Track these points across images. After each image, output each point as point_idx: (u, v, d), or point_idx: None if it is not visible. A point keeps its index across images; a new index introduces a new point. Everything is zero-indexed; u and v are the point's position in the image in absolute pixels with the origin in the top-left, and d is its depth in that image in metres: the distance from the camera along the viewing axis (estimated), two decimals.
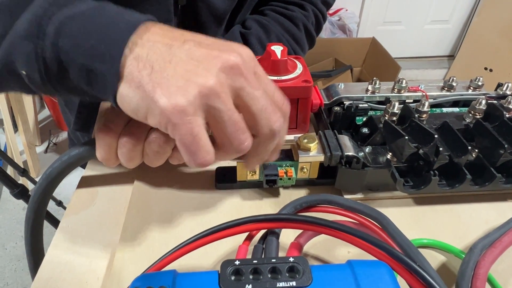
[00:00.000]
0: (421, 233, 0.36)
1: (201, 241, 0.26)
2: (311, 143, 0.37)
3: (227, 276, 0.22)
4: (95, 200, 0.39)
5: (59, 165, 0.35)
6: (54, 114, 1.88)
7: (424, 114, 0.41)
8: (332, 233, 0.26)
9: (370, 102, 0.45)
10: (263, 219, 0.27)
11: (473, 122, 0.40)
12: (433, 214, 0.38)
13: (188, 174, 0.41)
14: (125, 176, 0.42)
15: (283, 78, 0.40)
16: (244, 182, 0.39)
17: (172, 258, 0.26)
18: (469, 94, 0.45)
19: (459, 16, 2.21)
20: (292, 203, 0.30)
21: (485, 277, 0.27)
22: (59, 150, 1.83)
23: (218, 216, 0.37)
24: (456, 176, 0.36)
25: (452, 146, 0.37)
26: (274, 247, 0.27)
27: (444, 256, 0.34)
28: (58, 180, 0.37)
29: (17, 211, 1.55)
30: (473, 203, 0.39)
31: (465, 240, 0.35)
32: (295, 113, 0.43)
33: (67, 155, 0.35)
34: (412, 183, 0.38)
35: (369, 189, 0.39)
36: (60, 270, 0.33)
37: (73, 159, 0.35)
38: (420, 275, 0.23)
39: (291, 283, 0.22)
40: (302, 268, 0.23)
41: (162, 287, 0.21)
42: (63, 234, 0.36)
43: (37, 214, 0.38)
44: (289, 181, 0.38)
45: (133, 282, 0.22)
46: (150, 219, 0.36)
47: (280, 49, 0.41)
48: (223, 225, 0.27)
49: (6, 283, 1.30)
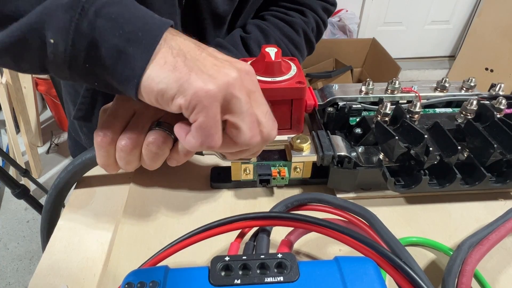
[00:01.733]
0: (412, 231, 0.36)
1: (194, 238, 0.27)
2: (304, 143, 0.38)
3: (216, 272, 0.23)
4: (92, 200, 0.40)
5: (65, 175, 0.38)
6: (56, 115, 1.89)
7: (416, 114, 0.42)
8: (321, 230, 0.27)
9: (363, 102, 0.45)
10: (255, 217, 0.28)
11: (464, 122, 0.41)
12: (424, 213, 0.38)
13: (184, 174, 0.42)
14: (122, 177, 0.42)
15: (277, 80, 0.41)
16: (239, 181, 0.39)
17: (166, 255, 0.27)
18: (461, 94, 0.46)
19: (460, 17, 2.21)
20: (283, 202, 0.31)
21: (471, 273, 0.28)
22: (60, 151, 1.85)
23: (213, 214, 0.38)
24: (446, 175, 0.37)
25: (443, 146, 0.38)
26: (264, 244, 0.28)
27: (433, 254, 0.34)
28: (67, 189, 0.40)
29: (18, 211, 1.56)
30: (464, 202, 0.39)
31: (455, 238, 0.35)
32: (289, 114, 0.43)
33: (72, 164, 0.37)
34: (403, 182, 0.38)
35: (361, 188, 0.40)
36: (58, 267, 0.33)
37: (78, 167, 0.37)
38: (404, 271, 0.23)
39: (279, 278, 0.23)
40: (290, 264, 0.23)
41: (154, 282, 0.22)
42: (60, 232, 0.37)
43: (51, 224, 0.40)
44: (282, 181, 0.38)
45: (125, 278, 0.23)
46: (146, 217, 0.37)
47: (274, 51, 0.41)
48: (215, 222, 0.28)
49: (8, 282, 1.31)
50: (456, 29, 2.27)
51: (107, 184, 0.42)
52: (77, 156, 0.37)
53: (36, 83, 1.67)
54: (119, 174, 0.43)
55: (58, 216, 0.40)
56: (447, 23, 2.24)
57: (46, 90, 1.69)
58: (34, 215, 1.53)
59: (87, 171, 0.39)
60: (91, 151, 0.36)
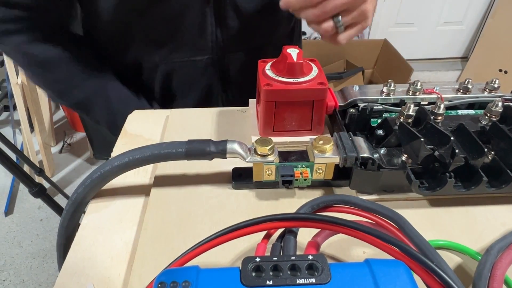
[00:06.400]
0: (436, 234, 0.36)
1: (222, 238, 0.27)
2: (326, 144, 0.37)
3: (248, 272, 0.23)
4: (115, 199, 0.40)
5: (83, 189, 0.37)
6: (69, 115, 1.92)
7: (439, 116, 0.41)
8: (350, 232, 0.26)
9: (384, 104, 0.45)
10: (282, 218, 0.28)
11: (489, 124, 0.40)
12: (448, 216, 0.38)
13: (205, 175, 0.42)
14: (143, 179, 0.43)
15: (298, 81, 0.41)
16: (260, 182, 0.39)
17: (193, 255, 0.27)
18: (484, 96, 0.45)
19: (473, 17, 2.18)
20: (309, 203, 0.31)
21: (502, 278, 0.28)
22: (73, 151, 1.87)
23: (235, 215, 0.38)
24: (471, 178, 0.36)
25: (468, 148, 0.37)
26: (292, 246, 0.28)
27: (459, 257, 0.34)
28: (85, 204, 0.39)
29: (32, 210, 1.58)
30: (489, 205, 0.39)
31: (480, 242, 0.35)
32: (310, 115, 0.43)
33: (90, 178, 0.37)
34: (427, 184, 0.38)
35: (383, 190, 0.39)
36: (83, 266, 0.34)
37: (96, 181, 0.37)
38: (437, 275, 0.23)
39: (311, 280, 0.23)
40: (321, 266, 0.23)
41: (186, 281, 0.22)
42: (85, 232, 0.37)
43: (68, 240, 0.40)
44: (304, 182, 0.38)
45: (157, 277, 0.23)
46: (169, 218, 0.37)
47: (296, 52, 0.41)
48: (243, 223, 0.28)
49: (22, 280, 1.33)
50: (469, 30, 2.24)
51: (128, 183, 0.42)
52: (95, 169, 0.37)
53: None
54: (140, 176, 0.43)
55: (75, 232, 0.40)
56: (460, 24, 2.21)
57: None
58: (47, 213, 1.55)
59: (105, 184, 0.38)
60: (108, 163, 0.36)
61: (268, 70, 0.43)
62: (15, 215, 1.57)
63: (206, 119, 0.52)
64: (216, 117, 0.52)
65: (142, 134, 0.50)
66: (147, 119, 0.53)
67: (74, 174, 1.74)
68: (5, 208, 1.57)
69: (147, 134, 0.50)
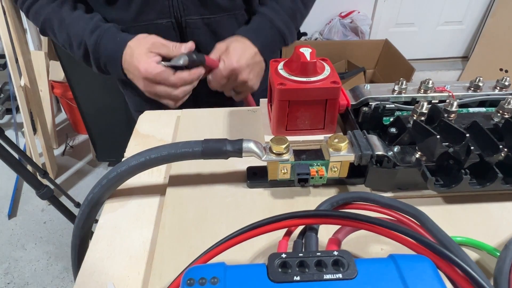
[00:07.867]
0: (452, 231, 0.36)
1: (245, 235, 0.27)
2: (341, 142, 0.38)
3: (275, 268, 0.23)
4: (130, 199, 0.41)
5: (99, 190, 0.37)
6: (71, 118, 1.92)
7: (452, 114, 0.41)
8: (372, 228, 0.27)
9: (396, 102, 0.45)
10: (304, 215, 0.28)
11: (501, 121, 0.41)
12: (464, 212, 0.38)
13: (220, 174, 0.42)
14: (157, 176, 0.43)
15: (312, 80, 0.41)
16: (275, 181, 0.40)
17: (216, 252, 0.27)
18: (496, 94, 0.46)
19: (473, 17, 2.19)
20: (329, 200, 0.31)
21: None
22: (76, 153, 1.87)
23: (251, 213, 0.38)
24: (486, 175, 0.37)
25: (482, 145, 0.37)
26: (314, 242, 0.28)
27: (477, 253, 0.34)
28: (100, 204, 0.39)
29: (36, 213, 1.58)
30: (504, 201, 0.39)
31: (497, 238, 0.35)
32: (323, 114, 0.43)
33: (106, 178, 0.37)
34: (442, 182, 0.38)
35: (398, 188, 0.40)
36: (102, 265, 0.34)
37: (112, 181, 0.37)
38: (463, 269, 0.23)
39: (337, 275, 0.23)
40: (347, 261, 0.23)
41: (215, 278, 0.22)
42: (102, 231, 0.37)
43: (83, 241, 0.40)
44: (320, 180, 0.38)
45: (185, 274, 0.23)
46: (186, 217, 0.37)
47: (309, 51, 0.42)
48: (265, 220, 0.28)
49: (26, 282, 1.33)
50: (469, 30, 2.25)
51: (144, 183, 0.42)
52: (111, 170, 0.37)
53: (52, 86, 1.69)
54: (154, 176, 0.43)
55: (90, 232, 0.40)
56: (460, 23, 2.22)
57: (61, 93, 1.71)
58: (51, 216, 1.55)
59: (121, 184, 0.38)
60: (125, 163, 0.37)
61: (281, 69, 0.43)
62: (19, 218, 1.56)
63: (217, 119, 0.52)
64: (227, 117, 0.52)
65: (154, 135, 0.50)
66: (158, 119, 0.53)
67: (76, 176, 1.74)
68: (9, 211, 1.56)
69: (159, 134, 0.50)
